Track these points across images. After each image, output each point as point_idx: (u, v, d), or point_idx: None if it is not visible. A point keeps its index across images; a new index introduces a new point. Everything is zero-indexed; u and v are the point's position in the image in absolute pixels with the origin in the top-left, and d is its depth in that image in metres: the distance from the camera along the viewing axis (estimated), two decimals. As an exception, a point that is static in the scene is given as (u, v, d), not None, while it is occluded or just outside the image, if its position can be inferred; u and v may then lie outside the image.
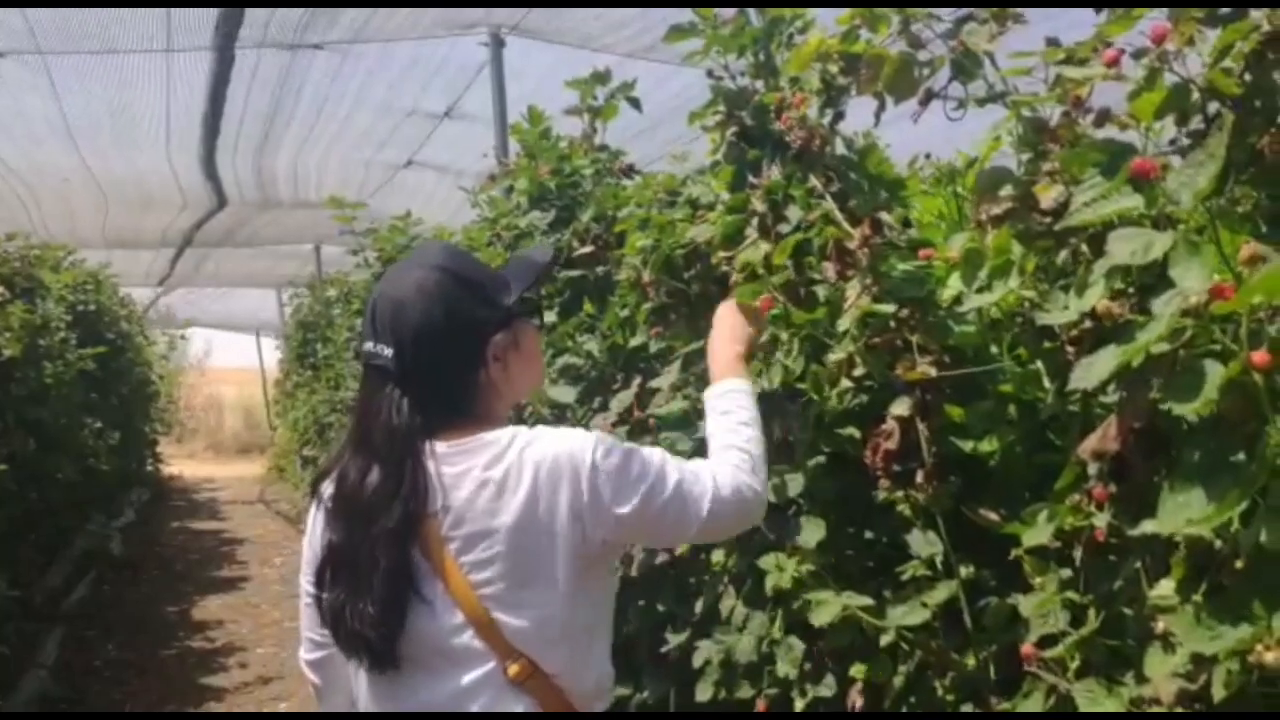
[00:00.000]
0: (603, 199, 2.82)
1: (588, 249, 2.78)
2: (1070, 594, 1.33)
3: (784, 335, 1.84)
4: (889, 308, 1.64)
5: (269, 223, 7.88)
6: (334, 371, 7.95)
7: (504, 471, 1.36)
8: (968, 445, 1.69)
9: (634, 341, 2.59)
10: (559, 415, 2.74)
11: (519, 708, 1.37)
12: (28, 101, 5.06)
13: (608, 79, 3.11)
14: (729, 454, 1.53)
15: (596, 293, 3.09)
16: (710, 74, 2.09)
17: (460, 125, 5.24)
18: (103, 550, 8.39)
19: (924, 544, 1.71)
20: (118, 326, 9.58)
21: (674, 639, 2.36)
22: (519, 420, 3.76)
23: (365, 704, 1.47)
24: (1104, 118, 1.35)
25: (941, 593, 1.55)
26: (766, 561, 1.85)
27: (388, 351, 1.42)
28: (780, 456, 1.97)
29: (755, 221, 1.98)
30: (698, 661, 2.16)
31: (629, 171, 3.09)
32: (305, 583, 1.52)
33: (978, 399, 1.76)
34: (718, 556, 2.17)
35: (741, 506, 1.48)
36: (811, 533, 1.72)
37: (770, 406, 1.99)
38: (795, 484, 1.85)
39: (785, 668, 1.75)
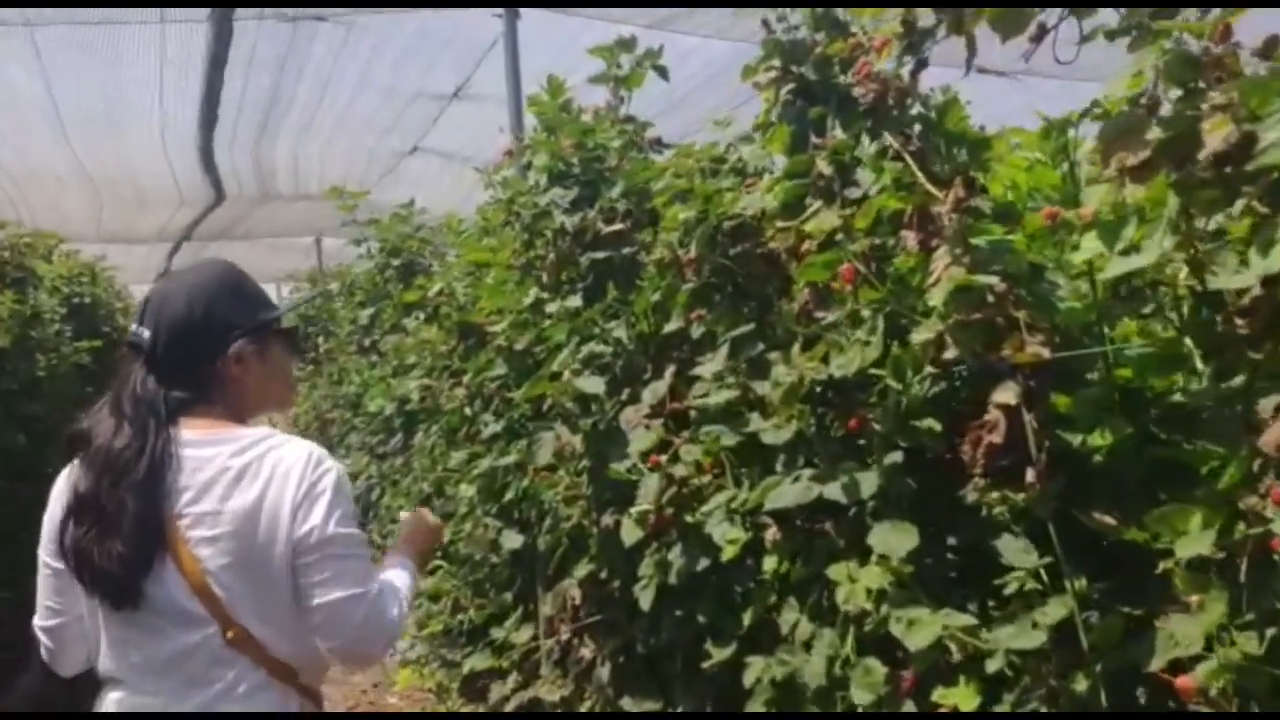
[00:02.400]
0: (633, 172, 2.59)
1: (616, 227, 2.56)
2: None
3: (865, 313, 1.62)
4: (989, 279, 1.42)
5: (268, 216, 7.64)
6: (336, 366, 7.74)
7: (245, 463, 1.55)
8: (1075, 439, 1.47)
9: (669, 327, 2.37)
10: (586, 408, 2.52)
11: (235, 668, 1.55)
12: (16, 82, 4.84)
13: (633, 46, 2.89)
14: (394, 595, 1.67)
15: (623, 275, 2.87)
16: (765, 25, 1.87)
17: (469, 107, 5.00)
18: None
19: (1019, 552, 1.50)
20: (114, 320, 9.34)
21: (717, 653, 2.16)
22: (537, 415, 3.55)
23: (105, 652, 1.61)
24: (1272, 46, 1.13)
25: (1057, 610, 1.34)
26: (837, 571, 1.64)
27: (146, 334, 1.62)
28: (848, 452, 1.75)
29: (819, 187, 1.76)
30: (748, 680, 1.95)
31: (658, 145, 2.87)
32: (44, 555, 1.65)
33: (1081, 385, 1.54)
34: (770, 564, 1.95)
35: (381, 629, 1.60)
36: (900, 539, 1.51)
37: (841, 397, 1.77)
38: (868, 483, 1.63)
39: (862, 694, 1.54)
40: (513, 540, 3.58)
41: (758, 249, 2.03)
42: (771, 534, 1.94)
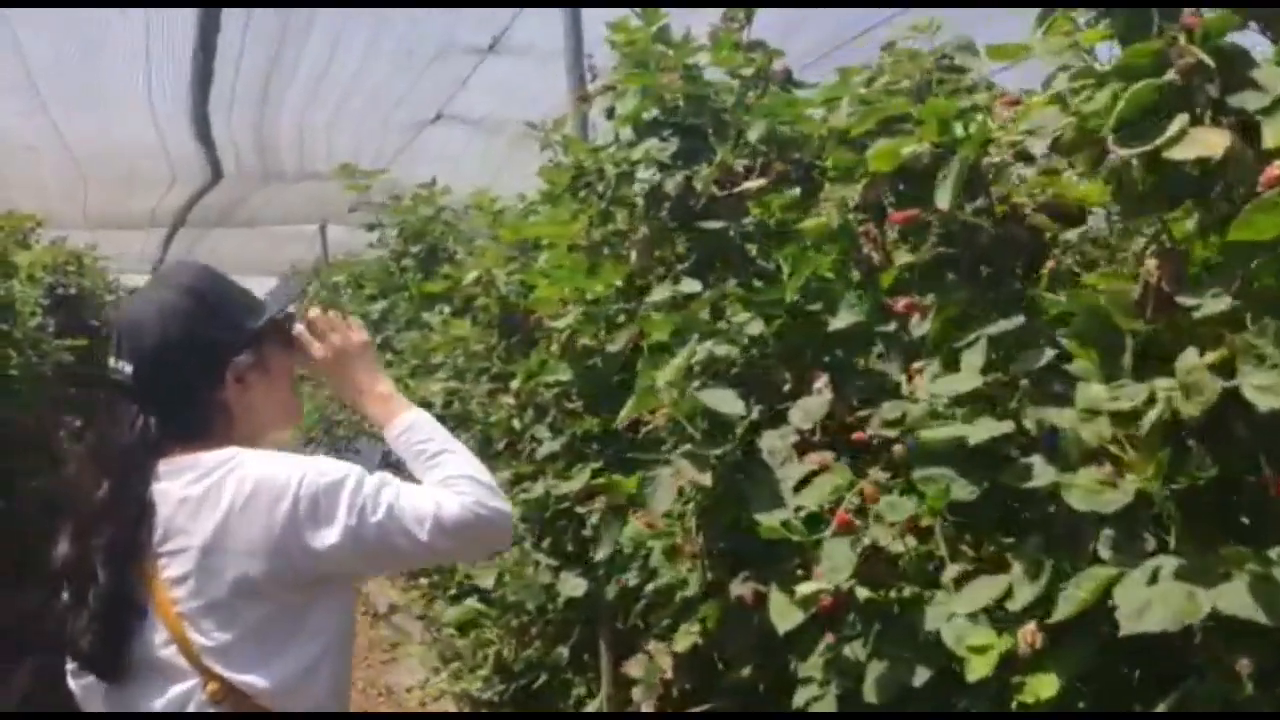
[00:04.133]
0: (775, 107, 1.89)
1: (756, 183, 1.86)
2: None
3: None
4: None
5: (270, 199, 6.93)
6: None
7: (204, 490, 1.38)
8: None
9: (839, 323, 1.67)
10: (715, 432, 1.81)
11: None
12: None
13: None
14: (452, 484, 1.45)
15: (738, 253, 2.17)
16: None
17: (506, 64, 4.27)
18: None
19: None
20: (103, 314, 8.65)
21: None
22: (606, 433, 2.85)
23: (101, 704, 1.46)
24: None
25: None
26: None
27: (127, 369, 1.42)
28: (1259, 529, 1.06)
29: (1181, 92, 1.06)
30: None
31: (788, 80, 2.16)
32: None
33: None
34: (1048, 685, 1.26)
35: (475, 526, 1.40)
36: None
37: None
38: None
39: None
40: (574, 586, 2.89)
41: (1018, 205, 1.33)
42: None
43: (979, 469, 1.40)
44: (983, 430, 1.27)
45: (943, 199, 1.28)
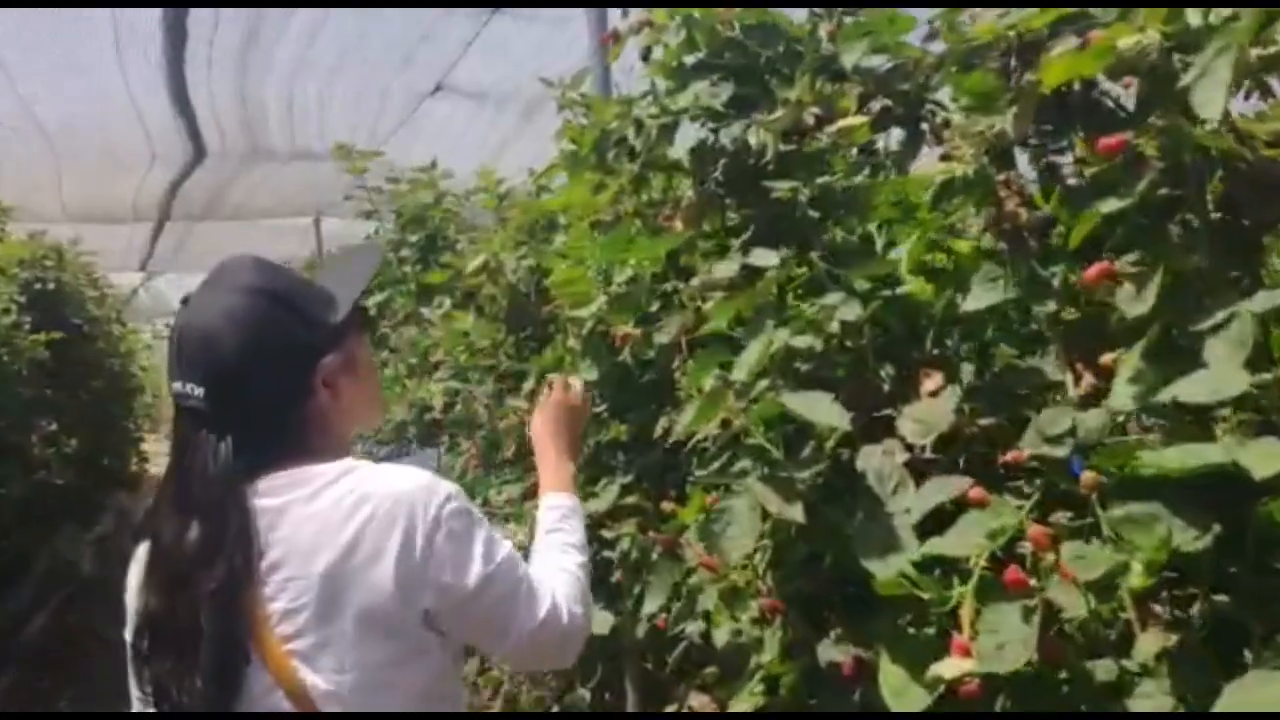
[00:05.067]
0: (875, 24, 1.46)
1: (853, 120, 1.43)
2: None
3: None
4: None
5: (259, 184, 6.50)
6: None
7: (324, 508, 1.20)
8: None
9: (976, 302, 1.25)
10: (795, 446, 1.38)
11: None
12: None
13: None
14: (563, 578, 1.37)
15: (810, 222, 1.75)
16: None
17: (513, 26, 3.84)
18: (71, 569, 7.19)
19: None
20: (85, 311, 8.23)
21: None
22: (641, 438, 2.43)
23: None
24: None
25: None
26: None
27: (198, 391, 1.25)
28: None
29: None
30: None
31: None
32: (130, 637, 1.30)
33: None
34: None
35: (571, 634, 1.32)
36: None
37: None
38: None
39: None
40: (599, 622, 2.46)
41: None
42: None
43: (1208, 505, 0.97)
44: (1258, 457, 0.84)
45: (1211, 104, 0.85)
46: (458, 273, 4.14)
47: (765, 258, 1.50)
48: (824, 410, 1.27)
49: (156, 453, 13.48)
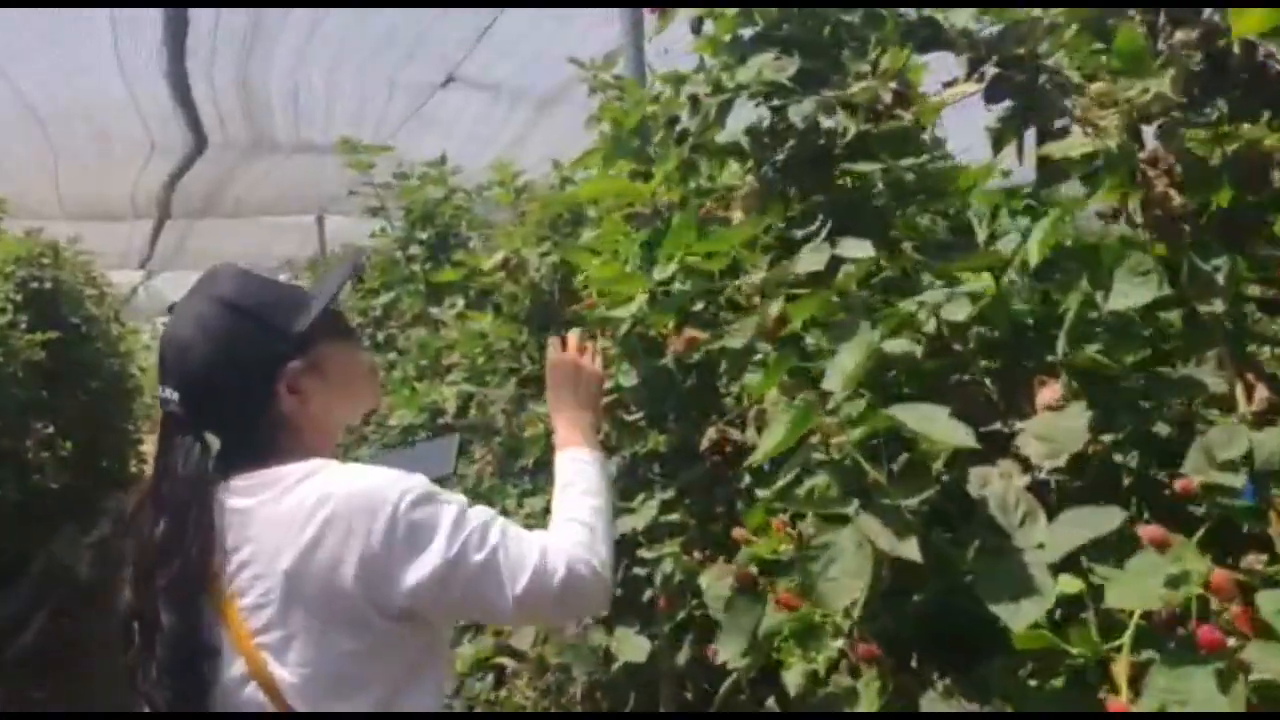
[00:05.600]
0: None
1: (962, 87, 1.23)
2: None
3: None
4: None
5: (261, 179, 6.30)
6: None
7: (289, 507, 1.25)
8: None
9: (1123, 300, 1.05)
10: (906, 473, 1.18)
11: None
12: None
13: None
14: (567, 528, 1.37)
15: (878, 212, 1.55)
16: None
17: (530, 15, 3.61)
18: (67, 573, 7.07)
19: None
20: (83, 310, 8.04)
21: None
22: (682, 450, 2.23)
23: None
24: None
25: None
26: None
27: (175, 396, 1.33)
28: None
29: None
30: None
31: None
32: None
33: None
34: None
35: (573, 587, 1.29)
36: None
37: None
38: None
39: None
40: (635, 648, 2.26)
41: None
42: None
43: None
44: None
45: None
46: (471, 271, 3.96)
47: (857, 248, 1.30)
48: (944, 427, 1.07)
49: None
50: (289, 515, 1.24)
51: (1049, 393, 1.23)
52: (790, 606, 1.30)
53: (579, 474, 1.47)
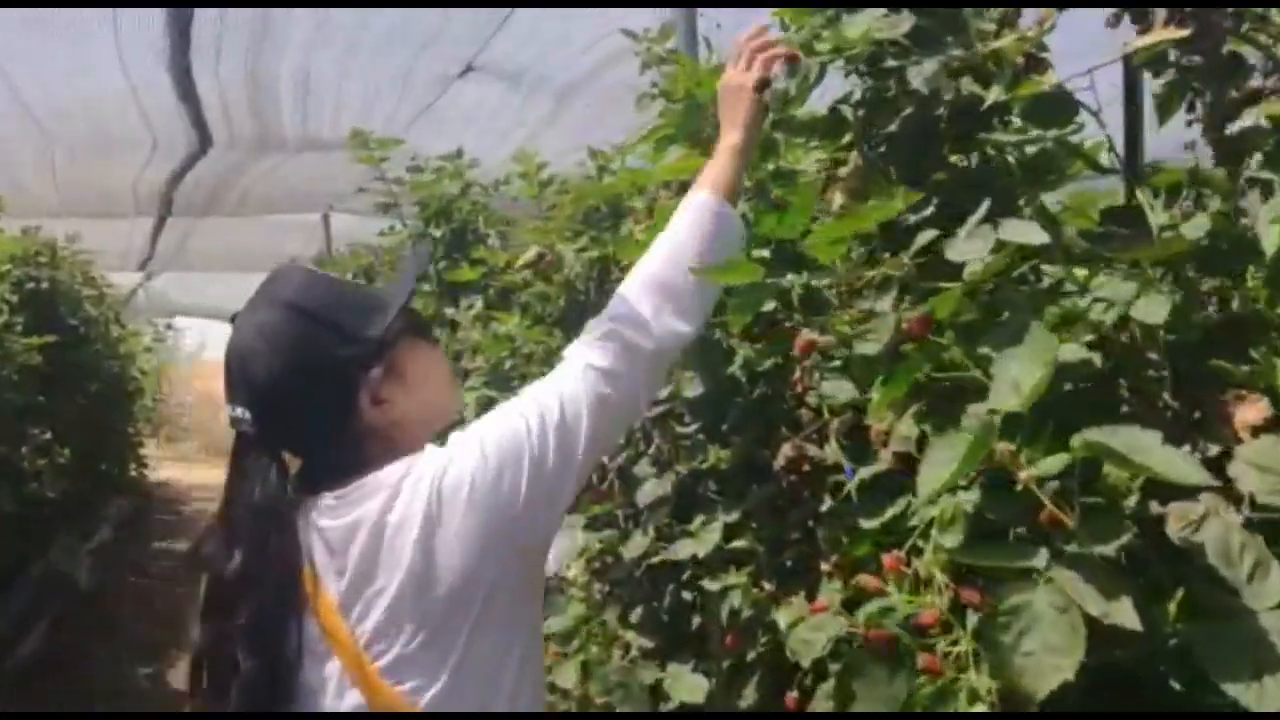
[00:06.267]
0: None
1: (1165, 33, 0.99)
2: None
3: None
4: None
5: (265, 176, 6.07)
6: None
7: (401, 513, 1.18)
8: None
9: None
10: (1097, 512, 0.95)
11: None
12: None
13: None
14: (618, 310, 1.34)
15: (1006, 191, 1.32)
16: None
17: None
18: (67, 582, 6.92)
19: None
20: (82, 311, 7.84)
21: None
22: (748, 465, 2.00)
23: None
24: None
25: None
26: None
27: (246, 414, 1.25)
28: None
29: None
30: None
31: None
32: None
33: None
34: None
35: (623, 359, 1.29)
36: None
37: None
38: None
39: None
40: (691, 688, 2.02)
41: None
42: None
43: None
44: None
45: None
46: (491, 269, 3.74)
47: (1024, 231, 1.06)
48: (1165, 457, 0.83)
49: (157, 458, 13.14)
50: (402, 520, 1.17)
51: (1252, 411, 1.00)
52: (933, 671, 1.07)
53: (680, 219, 1.37)
